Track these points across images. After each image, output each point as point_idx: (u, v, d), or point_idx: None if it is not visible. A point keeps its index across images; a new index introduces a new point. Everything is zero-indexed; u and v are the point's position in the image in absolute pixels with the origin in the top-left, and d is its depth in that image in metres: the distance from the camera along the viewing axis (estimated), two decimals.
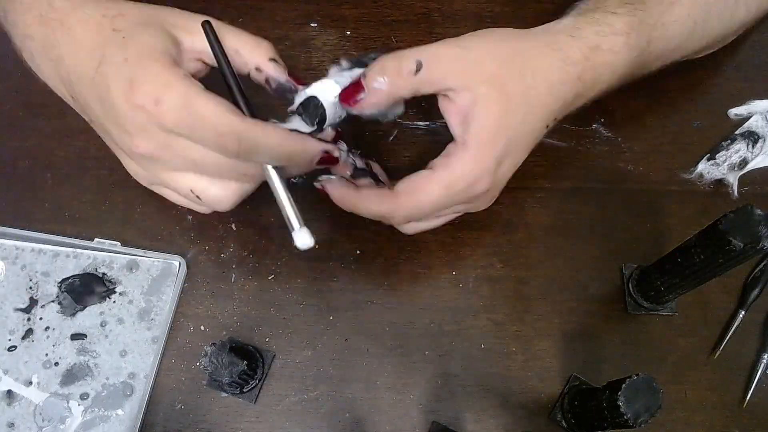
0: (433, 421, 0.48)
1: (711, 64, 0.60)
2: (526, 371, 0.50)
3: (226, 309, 0.52)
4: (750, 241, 0.39)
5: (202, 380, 0.50)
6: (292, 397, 0.50)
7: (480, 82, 0.42)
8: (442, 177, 0.42)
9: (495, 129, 0.42)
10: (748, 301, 0.51)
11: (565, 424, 0.48)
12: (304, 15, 0.61)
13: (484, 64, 0.42)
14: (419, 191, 0.43)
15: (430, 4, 0.62)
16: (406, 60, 0.42)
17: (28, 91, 0.58)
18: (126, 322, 0.51)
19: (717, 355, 0.50)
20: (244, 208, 0.54)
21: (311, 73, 0.59)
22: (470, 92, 0.42)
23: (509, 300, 0.52)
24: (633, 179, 0.56)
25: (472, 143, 0.42)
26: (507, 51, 0.44)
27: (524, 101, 0.43)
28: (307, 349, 0.51)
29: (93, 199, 0.55)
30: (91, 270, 0.52)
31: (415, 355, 0.51)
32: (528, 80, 0.43)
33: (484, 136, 0.42)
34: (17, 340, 0.51)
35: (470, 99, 0.42)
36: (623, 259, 0.53)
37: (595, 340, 0.51)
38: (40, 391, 0.49)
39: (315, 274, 0.53)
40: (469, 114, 0.42)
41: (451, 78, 0.42)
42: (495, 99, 0.42)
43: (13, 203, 0.55)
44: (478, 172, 0.42)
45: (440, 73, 0.42)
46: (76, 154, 0.56)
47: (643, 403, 0.39)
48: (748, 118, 0.57)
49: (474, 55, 0.43)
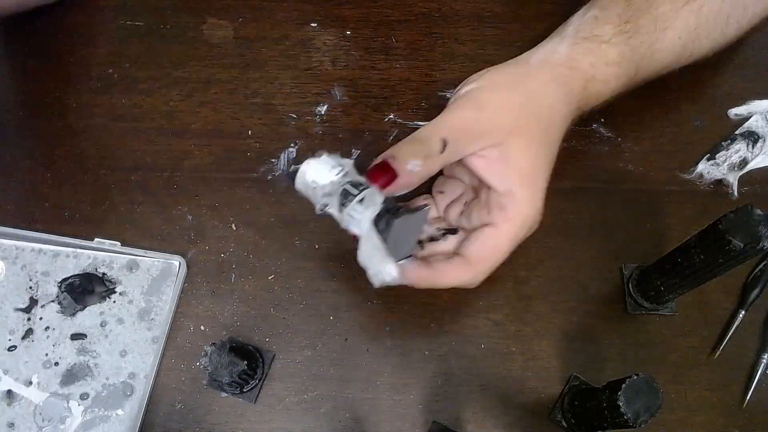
0: (433, 421, 0.48)
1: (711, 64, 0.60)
2: (526, 371, 0.50)
3: (226, 309, 0.52)
4: (750, 241, 0.39)
5: (202, 380, 0.50)
6: (292, 397, 0.50)
7: (504, 136, 0.43)
8: (508, 230, 0.44)
9: (534, 172, 0.44)
10: (748, 301, 0.51)
11: (565, 424, 0.48)
12: (304, 15, 0.61)
13: (503, 118, 0.44)
14: (494, 252, 0.44)
15: (430, 4, 0.62)
16: (433, 142, 0.42)
17: (28, 91, 0.58)
18: (126, 322, 0.51)
19: (717, 355, 0.50)
20: (244, 208, 0.55)
21: (311, 72, 0.59)
22: (497, 148, 0.43)
23: (509, 300, 0.52)
24: (633, 179, 0.56)
25: (521, 193, 0.44)
26: (519, 98, 0.45)
27: (546, 138, 0.45)
28: (307, 349, 0.51)
29: (93, 199, 0.55)
30: (91, 270, 0.52)
31: (415, 355, 0.51)
32: (545, 118, 0.45)
33: (527, 182, 0.44)
34: (17, 340, 0.51)
35: (500, 153, 0.43)
36: (623, 259, 0.53)
37: (595, 340, 0.51)
38: (40, 391, 0.49)
39: (315, 274, 0.53)
40: (504, 167, 0.43)
41: (476, 143, 0.43)
42: (524, 145, 0.44)
43: (13, 203, 0.55)
44: (534, 213, 0.44)
45: (466, 144, 0.43)
46: (76, 154, 0.56)
47: (643, 403, 0.39)
48: (748, 118, 0.57)
49: (490, 113, 0.44)
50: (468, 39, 0.60)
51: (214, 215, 0.54)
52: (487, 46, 0.60)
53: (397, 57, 0.60)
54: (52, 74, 0.59)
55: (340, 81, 0.59)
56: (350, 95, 0.58)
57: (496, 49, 0.60)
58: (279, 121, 0.57)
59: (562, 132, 0.47)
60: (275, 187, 0.55)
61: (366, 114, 0.58)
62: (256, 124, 0.57)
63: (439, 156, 0.42)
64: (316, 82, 0.59)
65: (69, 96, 0.58)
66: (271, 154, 0.56)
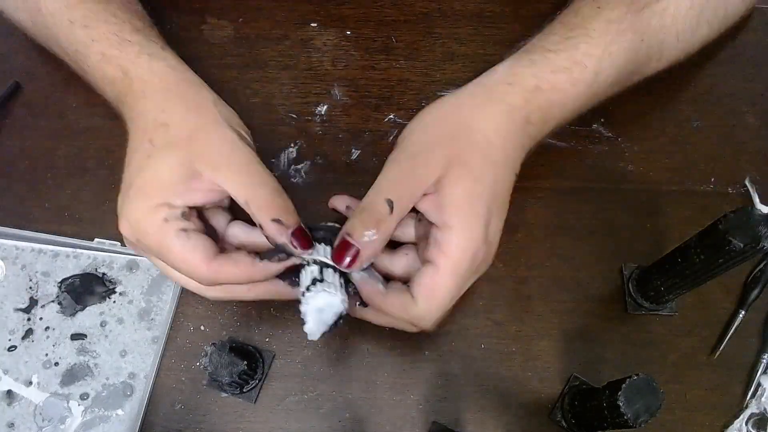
0: (433, 421, 0.48)
1: (711, 64, 0.60)
2: (526, 371, 0.50)
3: (226, 309, 0.52)
4: (750, 241, 0.39)
5: (202, 380, 0.50)
6: (292, 397, 0.50)
7: (437, 170, 0.42)
8: (446, 266, 0.41)
9: (470, 201, 0.42)
10: (748, 301, 0.51)
11: (565, 424, 0.48)
12: (304, 15, 0.61)
13: (435, 156, 0.43)
14: (436, 291, 0.42)
15: (430, 4, 0.62)
16: (379, 206, 0.42)
17: (28, 91, 0.58)
18: (126, 322, 0.51)
19: (717, 356, 0.50)
20: None
21: (311, 72, 0.59)
22: (434, 185, 0.42)
23: (509, 300, 0.52)
24: (633, 179, 0.56)
25: (455, 223, 0.42)
26: (449, 129, 0.44)
27: (485, 162, 0.43)
28: (307, 349, 0.51)
29: (93, 199, 0.55)
30: (91, 270, 0.52)
31: (415, 355, 0.51)
32: (481, 143, 0.44)
33: (463, 212, 0.42)
34: (17, 340, 0.51)
35: (436, 188, 0.42)
36: (623, 259, 0.53)
37: (595, 340, 0.51)
38: (40, 391, 0.49)
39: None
40: (441, 201, 0.42)
41: (419, 190, 0.42)
42: (457, 175, 0.42)
43: (13, 203, 0.55)
44: (474, 245, 0.42)
45: (409, 196, 0.42)
46: (76, 154, 0.56)
47: (643, 403, 0.39)
48: None
49: (423, 158, 0.43)
50: (468, 39, 0.60)
51: None
52: (487, 46, 0.60)
53: (397, 57, 0.60)
54: (52, 74, 0.59)
55: (340, 81, 0.59)
56: (350, 95, 0.58)
57: (496, 49, 0.60)
58: (279, 121, 0.57)
59: (511, 151, 0.45)
60: None
61: (366, 114, 0.58)
62: (256, 124, 0.57)
63: (390, 217, 0.42)
64: (316, 82, 0.59)
65: (69, 96, 0.58)
66: (271, 154, 0.56)
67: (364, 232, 0.42)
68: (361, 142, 0.57)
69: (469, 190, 0.42)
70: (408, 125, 0.46)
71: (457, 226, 0.41)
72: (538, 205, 0.55)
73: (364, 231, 0.42)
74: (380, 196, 0.42)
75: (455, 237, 0.41)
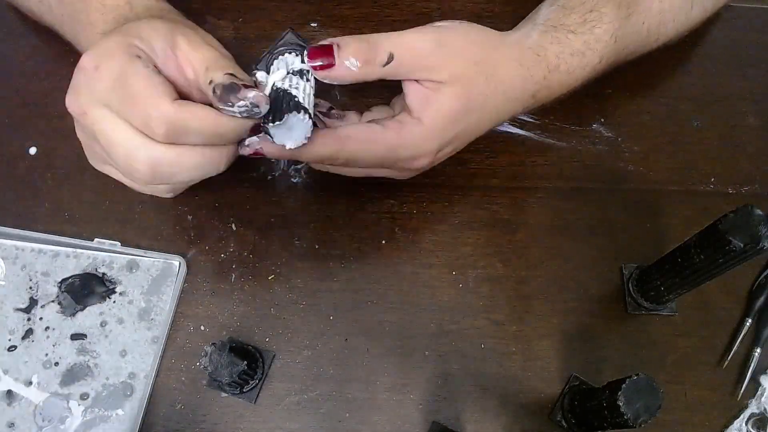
0: (433, 421, 0.48)
1: (711, 64, 0.60)
2: (525, 371, 0.50)
3: (226, 309, 0.52)
4: (750, 241, 0.39)
5: (202, 380, 0.50)
6: (292, 397, 0.50)
7: (447, 77, 0.43)
8: (390, 138, 0.43)
9: (451, 119, 0.44)
10: (754, 309, 0.51)
11: (565, 424, 0.48)
12: (304, 15, 0.61)
13: (456, 62, 0.43)
14: (368, 142, 0.43)
15: (430, 4, 0.62)
16: (380, 51, 0.42)
17: (28, 91, 0.58)
18: (126, 322, 0.51)
19: (725, 365, 0.50)
20: (244, 208, 0.55)
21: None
22: (436, 83, 0.43)
23: (509, 300, 0.52)
24: (633, 179, 0.56)
25: (427, 123, 0.43)
26: (479, 55, 0.45)
27: (482, 104, 0.45)
28: (307, 349, 0.51)
29: (93, 199, 0.55)
30: (91, 270, 0.52)
31: (415, 355, 0.51)
32: (491, 87, 0.45)
33: (440, 122, 0.43)
34: (17, 340, 0.51)
35: (435, 87, 0.43)
36: (623, 259, 0.53)
37: (595, 340, 0.51)
38: (40, 391, 0.49)
39: (315, 274, 0.53)
40: (431, 98, 0.43)
41: (420, 71, 0.43)
42: (458, 94, 0.43)
43: (13, 203, 0.55)
44: (423, 149, 0.44)
45: (410, 66, 0.43)
46: (76, 154, 0.56)
47: (643, 403, 0.39)
48: None
49: (447, 51, 0.43)
50: None
51: (214, 215, 0.54)
52: None
53: None
54: (52, 74, 0.59)
55: None
56: (350, 95, 0.58)
57: None
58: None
59: (505, 111, 0.47)
60: (275, 187, 0.55)
61: None
62: None
63: (381, 68, 0.42)
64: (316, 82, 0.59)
65: None
66: None
67: (350, 56, 0.41)
68: None
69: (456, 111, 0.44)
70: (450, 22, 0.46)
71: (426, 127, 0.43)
72: (538, 205, 0.55)
73: (351, 56, 0.41)
74: (388, 45, 0.42)
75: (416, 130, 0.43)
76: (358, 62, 0.41)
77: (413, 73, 0.43)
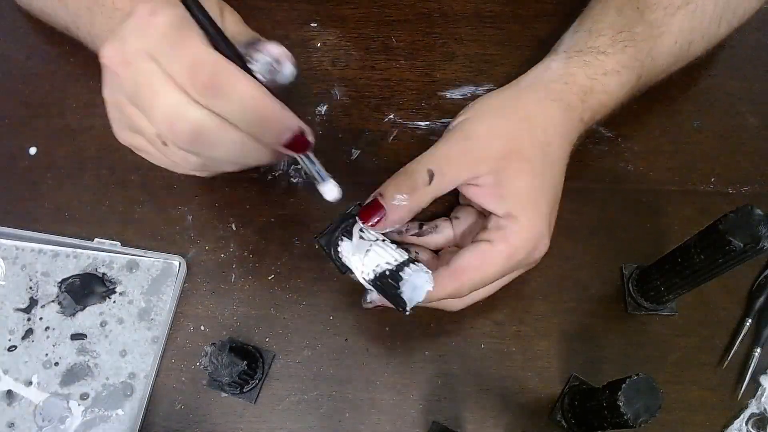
0: (433, 421, 0.48)
1: (711, 64, 0.60)
2: (526, 371, 0.50)
3: (226, 309, 0.52)
4: (750, 241, 0.39)
5: (202, 380, 0.50)
6: (292, 397, 0.50)
7: (496, 162, 0.43)
8: (501, 249, 0.42)
9: (534, 194, 0.43)
10: (754, 309, 0.51)
11: (565, 424, 0.48)
12: (304, 15, 0.61)
13: (491, 145, 0.43)
14: (483, 265, 0.43)
15: (430, 4, 0.62)
16: (418, 174, 0.42)
17: (28, 91, 0.58)
18: (126, 322, 0.51)
19: (725, 365, 0.50)
20: (244, 208, 0.55)
21: (311, 72, 0.59)
22: (492, 175, 0.43)
23: (509, 300, 0.52)
24: (633, 179, 0.56)
25: (520, 214, 0.43)
26: (508, 123, 0.45)
27: (545, 158, 0.44)
28: (307, 349, 0.51)
29: (93, 199, 0.55)
30: (91, 270, 0.52)
31: (415, 355, 0.51)
32: (541, 138, 0.44)
33: (528, 205, 0.43)
34: (17, 340, 0.51)
35: (494, 179, 0.43)
36: (623, 259, 0.53)
37: (595, 340, 0.51)
38: (40, 391, 0.49)
39: (315, 274, 0.53)
40: (502, 192, 0.43)
41: (466, 173, 0.43)
42: (519, 168, 0.43)
43: (13, 203, 0.55)
44: (537, 238, 0.43)
45: (454, 174, 0.43)
46: (76, 154, 0.56)
47: (643, 403, 0.39)
48: None
49: (477, 142, 0.43)
50: (468, 39, 0.60)
51: (214, 215, 0.54)
52: (487, 46, 0.60)
53: (397, 57, 0.60)
54: (52, 74, 0.59)
55: (340, 81, 0.59)
56: (350, 95, 0.58)
57: (497, 49, 0.60)
58: None
59: (565, 150, 0.46)
60: (275, 187, 0.55)
61: (366, 114, 0.58)
62: None
63: (427, 188, 0.42)
64: (316, 82, 0.59)
65: (69, 96, 0.58)
66: None
67: (395, 194, 0.42)
68: (361, 142, 0.57)
69: (530, 184, 0.43)
70: (463, 112, 0.46)
71: (523, 218, 0.42)
72: None
73: (396, 194, 0.42)
74: (423, 165, 0.42)
75: (518, 227, 0.42)
76: (405, 195, 0.42)
77: (458, 176, 0.43)
